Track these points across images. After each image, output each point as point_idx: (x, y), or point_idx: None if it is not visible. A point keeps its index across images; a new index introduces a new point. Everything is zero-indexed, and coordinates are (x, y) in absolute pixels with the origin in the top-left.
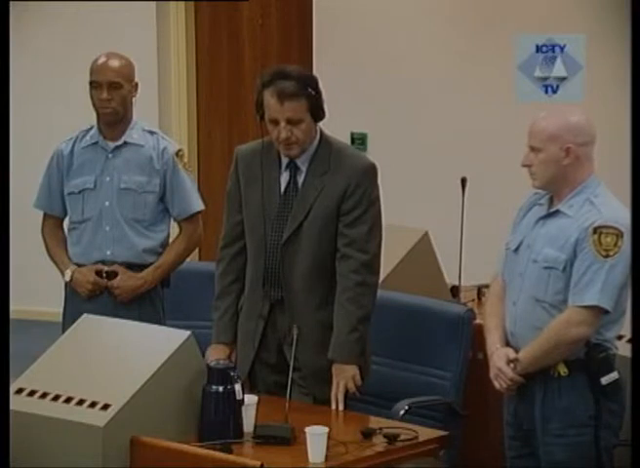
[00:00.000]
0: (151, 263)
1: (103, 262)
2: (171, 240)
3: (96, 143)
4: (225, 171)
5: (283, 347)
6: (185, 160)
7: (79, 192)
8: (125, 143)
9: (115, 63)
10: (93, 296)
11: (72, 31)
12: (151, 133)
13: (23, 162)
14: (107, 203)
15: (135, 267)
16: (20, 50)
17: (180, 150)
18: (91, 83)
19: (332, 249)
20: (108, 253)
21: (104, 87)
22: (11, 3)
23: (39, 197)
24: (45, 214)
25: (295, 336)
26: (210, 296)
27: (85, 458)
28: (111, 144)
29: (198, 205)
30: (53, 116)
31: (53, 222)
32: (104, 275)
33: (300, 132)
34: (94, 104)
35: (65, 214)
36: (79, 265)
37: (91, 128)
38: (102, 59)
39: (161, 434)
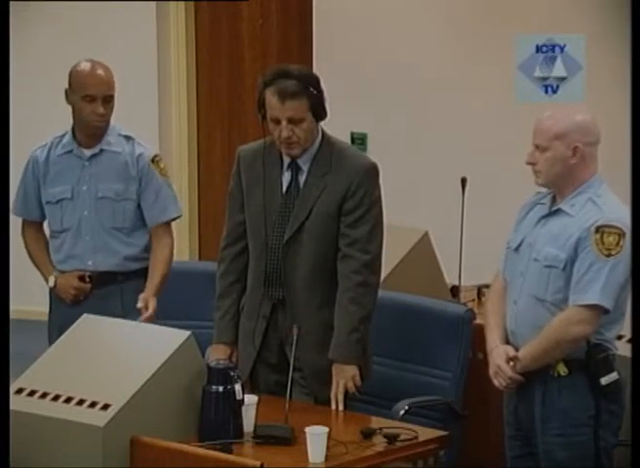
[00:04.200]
0: (133, 270)
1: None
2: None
3: (70, 152)
4: (226, 171)
5: (284, 347)
6: (162, 165)
7: (57, 202)
8: (101, 151)
9: (108, 75)
10: (77, 302)
11: (72, 31)
12: (127, 138)
13: (23, 162)
14: (86, 212)
15: (118, 275)
16: (19, 50)
17: (156, 156)
18: (84, 96)
19: (333, 249)
20: (90, 262)
21: (100, 101)
22: (11, 3)
23: (16, 204)
24: (24, 220)
25: (295, 336)
26: (210, 296)
27: (85, 458)
28: (87, 152)
29: (175, 211)
30: (53, 116)
31: (33, 227)
32: (87, 279)
33: (301, 131)
34: (82, 117)
35: (45, 219)
36: (62, 272)
37: (65, 134)
38: (95, 71)
39: (161, 434)
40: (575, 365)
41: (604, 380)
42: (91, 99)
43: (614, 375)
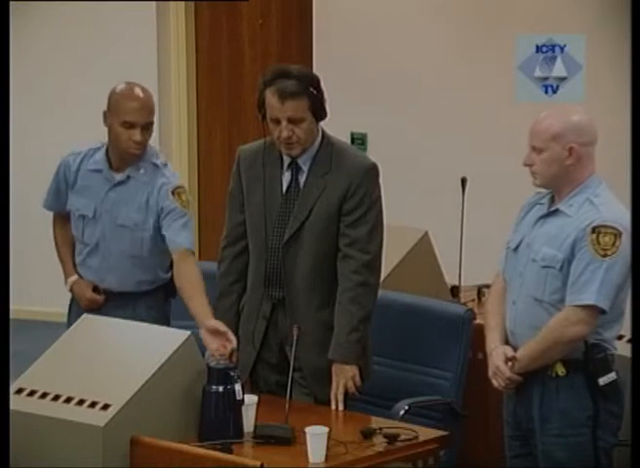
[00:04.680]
0: (146, 291)
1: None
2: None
3: (100, 171)
4: (226, 171)
5: (284, 347)
6: (184, 198)
7: (79, 216)
8: (128, 177)
9: (149, 101)
10: (90, 311)
11: (72, 31)
12: (155, 166)
13: (24, 161)
14: (105, 235)
15: (133, 294)
16: (18, 50)
17: (177, 188)
18: (122, 123)
19: (333, 249)
20: (104, 282)
21: (139, 128)
22: (11, 3)
23: (48, 198)
24: (55, 212)
25: (295, 336)
26: (210, 296)
27: (85, 458)
28: (116, 177)
29: (187, 244)
30: (54, 115)
31: (63, 219)
32: (102, 291)
33: (301, 131)
34: (119, 142)
35: None
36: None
37: (100, 147)
38: (136, 97)
39: (161, 434)
40: (573, 365)
41: (602, 380)
42: (129, 126)
43: (612, 375)
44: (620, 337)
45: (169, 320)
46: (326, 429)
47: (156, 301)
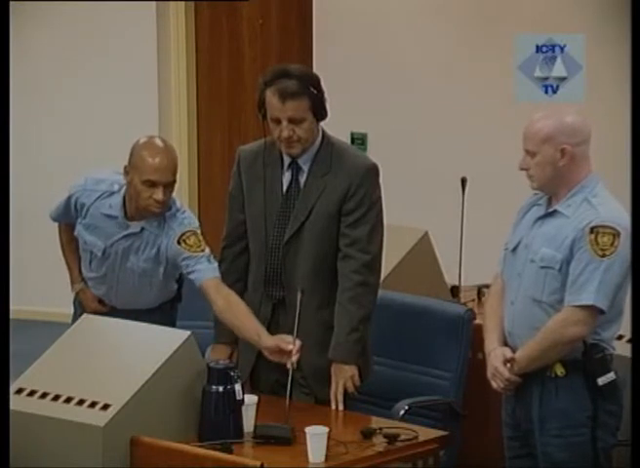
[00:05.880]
0: (152, 307)
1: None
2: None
3: (114, 218)
4: (225, 171)
5: None
6: (192, 241)
7: (87, 248)
8: (142, 229)
9: (173, 160)
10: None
11: (72, 31)
12: (164, 219)
13: (23, 162)
14: (114, 269)
15: (139, 310)
16: (18, 50)
17: (181, 235)
18: (144, 181)
19: (333, 249)
20: (112, 302)
21: (161, 187)
22: (11, 3)
23: (55, 213)
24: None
25: (299, 298)
26: None
27: (85, 458)
28: (130, 227)
29: (211, 274)
30: (54, 115)
31: (69, 225)
32: (107, 305)
33: (301, 131)
34: (139, 199)
35: None
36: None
37: (116, 191)
38: (160, 155)
39: (161, 434)
40: (572, 365)
41: (601, 380)
42: (151, 185)
43: (611, 376)
44: (620, 337)
45: (175, 323)
46: (326, 429)
47: (162, 312)
